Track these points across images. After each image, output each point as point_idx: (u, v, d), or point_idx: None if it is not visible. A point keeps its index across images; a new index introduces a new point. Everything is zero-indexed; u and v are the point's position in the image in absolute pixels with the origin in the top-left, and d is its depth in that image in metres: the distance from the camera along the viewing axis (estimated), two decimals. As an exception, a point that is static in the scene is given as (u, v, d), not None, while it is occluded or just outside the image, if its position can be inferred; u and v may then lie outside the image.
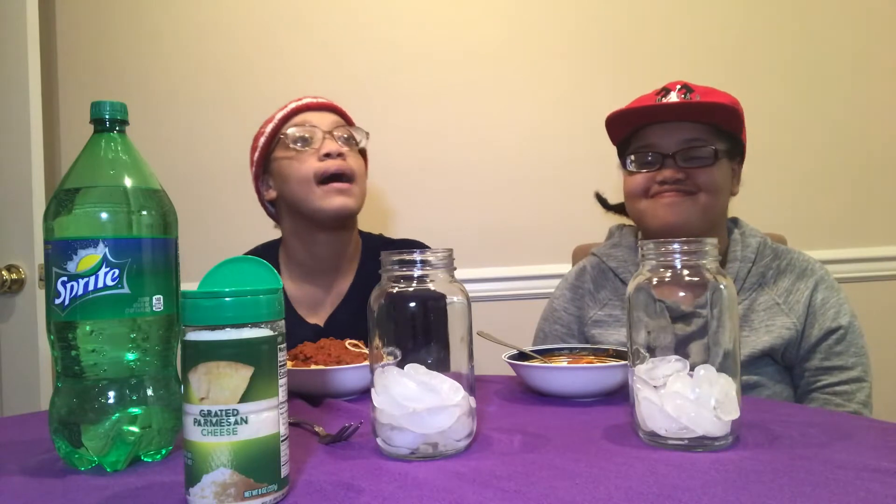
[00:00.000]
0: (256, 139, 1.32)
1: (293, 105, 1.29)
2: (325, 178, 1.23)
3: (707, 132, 1.18)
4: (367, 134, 1.33)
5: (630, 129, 1.22)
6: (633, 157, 1.20)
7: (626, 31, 1.92)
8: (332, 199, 1.23)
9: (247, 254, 1.33)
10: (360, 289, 1.33)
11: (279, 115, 1.29)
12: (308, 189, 1.23)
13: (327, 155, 1.23)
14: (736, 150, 1.22)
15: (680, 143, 1.16)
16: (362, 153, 1.35)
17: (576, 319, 1.32)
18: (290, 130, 1.26)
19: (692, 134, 1.16)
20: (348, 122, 1.34)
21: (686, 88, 1.19)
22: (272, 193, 1.32)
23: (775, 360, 1.15)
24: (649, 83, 1.29)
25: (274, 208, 1.36)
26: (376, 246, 1.39)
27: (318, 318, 1.31)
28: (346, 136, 1.29)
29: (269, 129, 1.29)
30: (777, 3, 1.92)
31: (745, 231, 1.24)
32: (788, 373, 1.18)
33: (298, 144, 1.25)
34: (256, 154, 1.31)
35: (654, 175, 1.17)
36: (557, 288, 1.38)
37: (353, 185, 1.25)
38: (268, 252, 1.36)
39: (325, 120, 1.28)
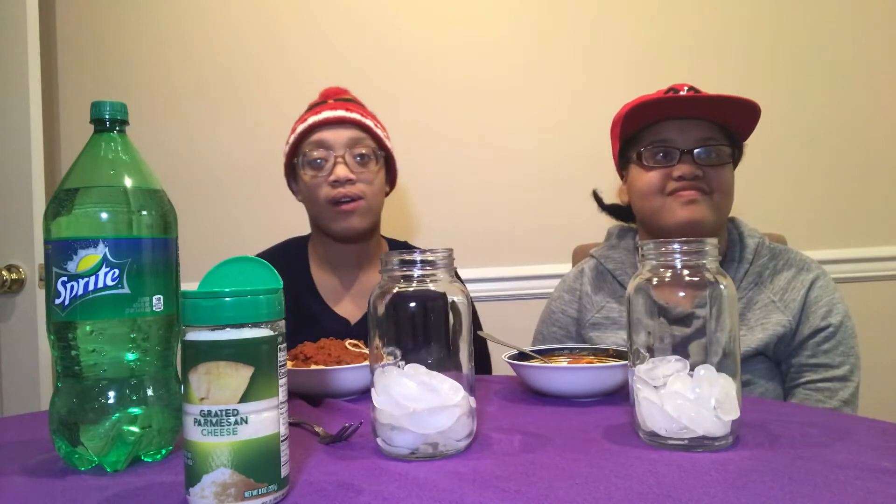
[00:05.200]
0: (287, 141, 1.34)
1: (311, 120, 1.28)
2: (335, 202, 1.27)
3: (719, 133, 1.17)
4: (384, 152, 1.32)
5: (641, 125, 1.20)
6: (646, 152, 1.18)
7: (629, 32, 1.92)
8: (340, 222, 1.28)
9: (279, 244, 1.42)
10: None
11: (299, 129, 1.29)
12: (320, 209, 1.29)
13: (337, 180, 1.25)
14: (738, 155, 1.22)
15: (697, 140, 1.15)
16: (388, 158, 1.34)
17: (574, 322, 1.31)
18: (307, 150, 1.28)
19: (708, 133, 1.16)
20: (369, 131, 1.30)
21: (693, 90, 1.19)
22: (300, 197, 1.37)
23: (767, 357, 1.16)
24: (651, 84, 1.29)
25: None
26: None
27: (345, 310, 1.34)
28: (362, 152, 1.28)
29: (291, 139, 1.31)
30: (778, 4, 1.92)
31: (743, 232, 1.24)
32: (779, 370, 1.18)
33: (314, 164, 1.28)
34: (284, 159, 1.35)
35: (670, 172, 1.16)
36: (555, 290, 1.37)
37: (362, 202, 1.27)
38: (300, 242, 1.42)
39: (341, 138, 1.27)
